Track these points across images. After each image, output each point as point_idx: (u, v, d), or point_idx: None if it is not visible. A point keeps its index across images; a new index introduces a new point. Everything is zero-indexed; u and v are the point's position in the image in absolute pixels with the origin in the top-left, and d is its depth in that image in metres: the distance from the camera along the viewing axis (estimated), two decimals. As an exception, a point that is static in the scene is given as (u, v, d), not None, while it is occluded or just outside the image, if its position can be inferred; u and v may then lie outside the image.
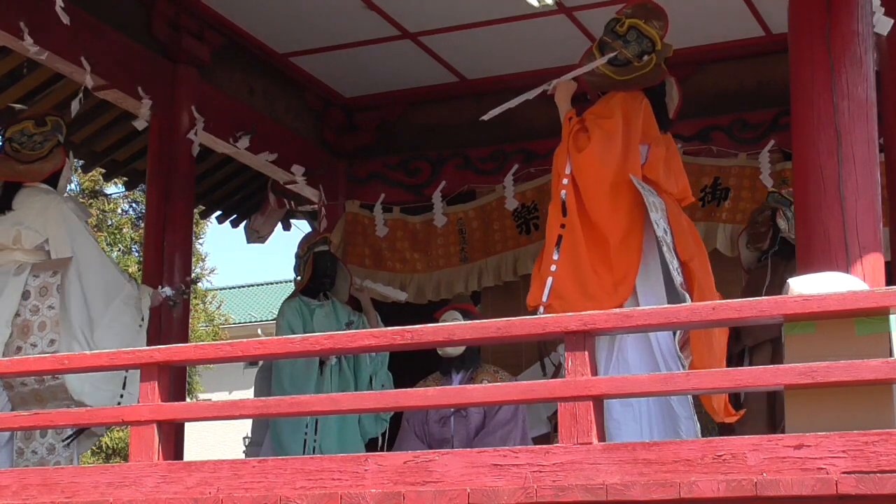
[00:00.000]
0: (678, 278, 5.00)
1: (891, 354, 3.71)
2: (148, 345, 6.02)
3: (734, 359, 6.49)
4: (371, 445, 6.98)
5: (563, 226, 5.05)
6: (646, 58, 5.28)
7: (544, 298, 4.93)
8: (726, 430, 6.24)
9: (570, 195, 5.06)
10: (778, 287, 6.49)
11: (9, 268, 5.79)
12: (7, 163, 6.04)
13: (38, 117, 6.15)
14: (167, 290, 6.34)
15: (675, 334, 5.00)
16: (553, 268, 4.98)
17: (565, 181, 5.09)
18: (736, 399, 6.40)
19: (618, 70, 5.29)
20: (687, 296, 4.98)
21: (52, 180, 6.02)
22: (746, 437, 3.72)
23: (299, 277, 7.27)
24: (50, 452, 5.64)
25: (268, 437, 6.91)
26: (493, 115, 5.53)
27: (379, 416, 6.92)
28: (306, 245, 7.35)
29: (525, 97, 5.47)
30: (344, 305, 7.31)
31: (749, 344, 6.48)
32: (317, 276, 7.21)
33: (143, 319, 5.98)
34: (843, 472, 3.49)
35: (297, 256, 7.34)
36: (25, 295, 5.69)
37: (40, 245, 5.83)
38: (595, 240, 5.04)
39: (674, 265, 5.01)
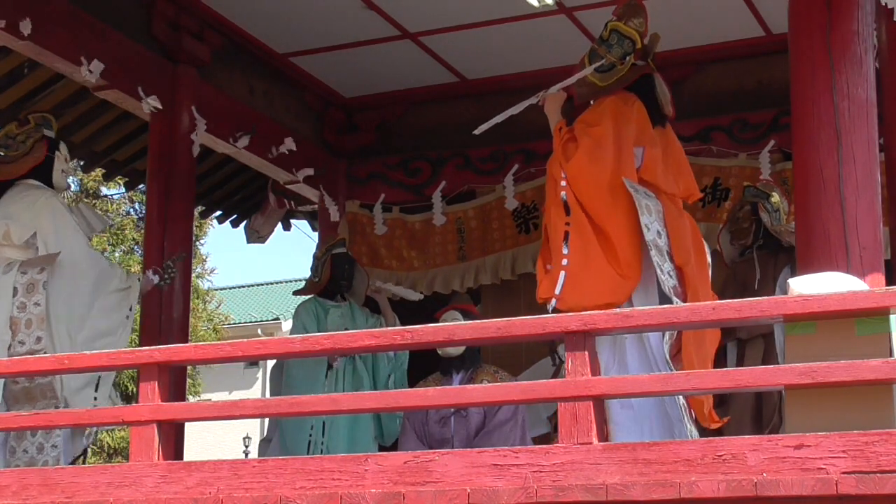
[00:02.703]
0: (669, 281, 4.98)
1: (891, 354, 3.71)
2: (148, 344, 6.03)
3: (721, 350, 6.47)
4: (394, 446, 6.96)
5: (567, 223, 5.05)
6: (627, 59, 5.28)
7: (557, 291, 4.93)
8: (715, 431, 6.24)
9: (571, 196, 5.07)
10: (771, 282, 6.49)
11: None
12: None
13: (22, 118, 6.19)
14: (154, 278, 6.32)
15: (664, 341, 4.98)
16: (565, 262, 4.98)
17: (563, 184, 5.09)
18: (721, 398, 6.40)
19: (602, 76, 5.30)
20: (676, 300, 4.96)
21: (45, 177, 6.01)
22: (746, 437, 3.72)
23: (317, 279, 7.27)
24: (39, 451, 5.63)
25: (276, 434, 6.93)
26: (484, 129, 5.54)
27: (399, 416, 6.93)
28: (324, 246, 7.39)
29: (512, 112, 5.48)
30: (362, 308, 7.32)
31: (743, 336, 6.47)
32: (334, 277, 7.24)
33: (130, 309, 5.99)
34: (843, 472, 3.49)
35: (315, 258, 7.37)
36: (14, 292, 5.69)
37: (29, 241, 5.83)
38: (601, 234, 5.05)
39: (664, 268, 4.99)
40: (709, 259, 5.37)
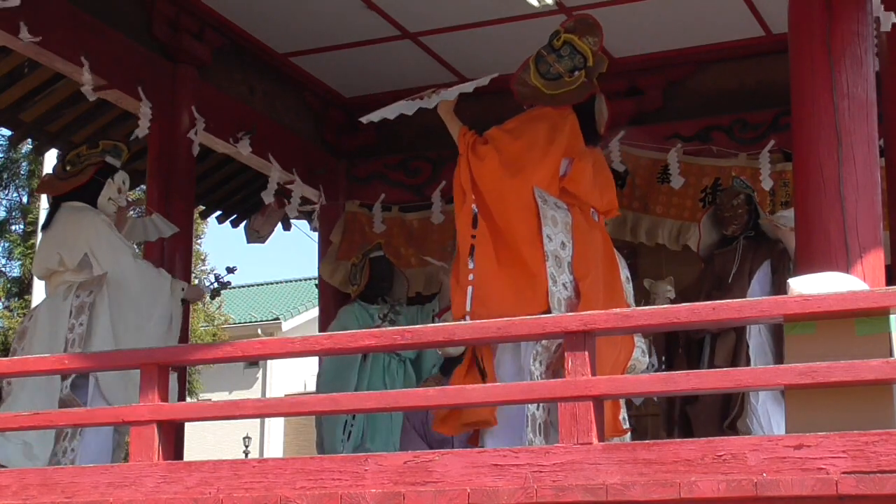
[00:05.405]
0: (563, 293, 4.92)
1: (891, 354, 3.71)
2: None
3: (694, 345, 6.45)
4: None
5: (473, 236, 5.02)
6: (576, 73, 5.28)
7: (468, 307, 4.90)
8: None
9: (481, 207, 5.05)
10: (747, 274, 6.48)
11: (60, 290, 5.93)
12: (50, 179, 6.31)
13: (94, 142, 6.31)
14: (208, 286, 6.56)
15: (533, 355, 4.91)
16: (471, 277, 4.93)
17: (473, 197, 5.08)
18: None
19: (548, 84, 5.30)
20: (561, 312, 4.88)
21: (89, 198, 6.07)
22: (746, 437, 3.72)
23: (356, 284, 7.50)
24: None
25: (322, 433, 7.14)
26: (369, 120, 5.66)
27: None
28: (360, 252, 7.61)
29: (404, 111, 5.58)
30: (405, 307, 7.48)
31: (713, 330, 6.45)
32: (373, 280, 7.42)
33: (171, 320, 6.05)
34: (843, 472, 3.49)
35: (352, 265, 7.62)
36: (70, 314, 5.82)
37: (83, 262, 5.91)
38: (506, 240, 5.00)
39: (559, 280, 4.94)
40: (625, 273, 5.29)
